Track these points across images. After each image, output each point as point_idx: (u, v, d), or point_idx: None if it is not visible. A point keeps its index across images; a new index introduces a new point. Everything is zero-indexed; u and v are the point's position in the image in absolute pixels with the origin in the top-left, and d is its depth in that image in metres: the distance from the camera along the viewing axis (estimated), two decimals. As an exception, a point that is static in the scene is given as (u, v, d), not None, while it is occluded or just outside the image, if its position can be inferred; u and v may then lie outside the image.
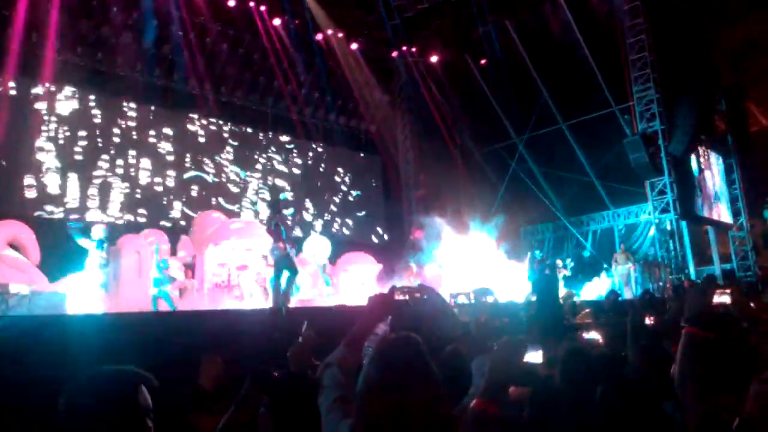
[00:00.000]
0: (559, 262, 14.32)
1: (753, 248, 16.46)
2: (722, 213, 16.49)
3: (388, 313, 1.91)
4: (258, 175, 16.16)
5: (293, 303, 9.38)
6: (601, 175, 16.77)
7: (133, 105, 13.92)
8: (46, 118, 12.50)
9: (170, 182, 14.27)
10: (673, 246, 14.09)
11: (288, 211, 16.01)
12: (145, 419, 1.50)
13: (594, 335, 3.69)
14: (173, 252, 11.91)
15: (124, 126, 13.72)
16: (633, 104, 14.75)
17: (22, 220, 10.82)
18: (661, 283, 13.50)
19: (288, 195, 16.40)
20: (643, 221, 16.13)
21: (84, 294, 9.24)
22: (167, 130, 14.48)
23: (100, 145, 13.22)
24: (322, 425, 1.64)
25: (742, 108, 17.23)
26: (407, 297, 1.89)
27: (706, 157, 16.21)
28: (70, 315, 8.15)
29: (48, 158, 12.37)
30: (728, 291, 2.15)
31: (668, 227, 14.31)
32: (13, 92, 12.08)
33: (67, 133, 12.75)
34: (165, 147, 14.35)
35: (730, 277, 15.14)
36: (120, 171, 13.43)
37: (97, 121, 13.29)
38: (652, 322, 3.48)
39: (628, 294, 12.78)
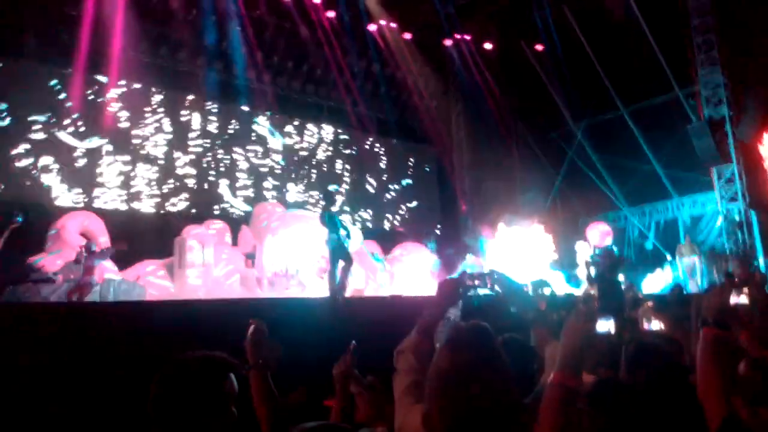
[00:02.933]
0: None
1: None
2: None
3: (458, 299, 1.93)
4: (315, 167, 16.40)
5: (348, 292, 9.50)
6: (665, 162, 16.11)
7: (194, 99, 14.34)
8: (111, 113, 13.03)
9: (229, 172, 14.65)
10: (742, 237, 13.47)
11: (336, 203, 16.26)
12: (230, 406, 1.55)
13: (656, 324, 3.59)
14: (234, 242, 12.28)
15: (184, 118, 14.16)
16: (698, 88, 14.12)
17: (91, 211, 11.39)
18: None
19: (339, 186, 16.59)
20: (710, 211, 15.43)
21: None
22: (227, 124, 14.88)
23: (162, 138, 13.70)
24: (396, 409, 1.68)
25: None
26: (477, 283, 1.90)
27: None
28: (152, 302, 8.55)
29: (112, 151, 12.91)
30: (746, 291, 2.07)
31: (736, 217, 13.67)
32: (82, 89, 12.66)
33: (132, 127, 13.27)
34: (224, 140, 14.74)
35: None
36: (182, 163, 13.89)
37: (160, 115, 13.77)
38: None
39: (693, 287, 12.33)
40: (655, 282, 13.98)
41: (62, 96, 12.34)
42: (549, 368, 1.76)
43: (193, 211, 13.67)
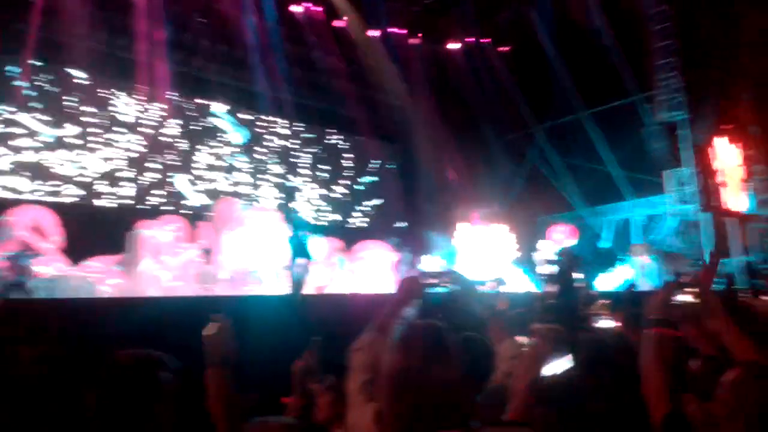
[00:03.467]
0: None
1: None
2: (745, 204, 16.20)
3: (415, 298, 1.92)
4: (276, 162, 16.23)
5: (309, 289, 9.43)
6: (622, 165, 16.54)
7: (152, 91, 13.98)
8: (68, 103, 12.60)
9: (188, 166, 14.36)
10: (694, 238, 13.91)
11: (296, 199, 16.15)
12: (167, 400, 1.56)
13: (609, 323, 3.66)
14: (191, 238, 12.04)
15: (141, 111, 13.81)
16: (655, 93, 14.50)
17: (45, 204, 11.01)
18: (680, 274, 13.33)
19: (302, 182, 16.46)
20: (664, 212, 15.91)
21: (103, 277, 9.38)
22: (185, 117, 14.57)
23: (116, 129, 13.32)
24: (349, 407, 1.67)
25: (768, 97, 16.86)
26: (435, 282, 1.89)
27: (729, 146, 15.90)
28: (104, 298, 8.31)
29: (68, 143, 12.50)
30: (692, 290, 2.14)
31: (689, 218, 14.11)
32: (38, 78, 12.22)
33: (84, 118, 12.86)
34: (183, 134, 14.44)
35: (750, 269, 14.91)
36: (137, 158, 13.54)
37: (114, 106, 13.39)
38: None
39: (646, 286, 12.67)
40: (610, 281, 14.33)
41: (16, 84, 11.87)
42: (502, 364, 1.77)
43: (150, 205, 13.35)
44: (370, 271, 13.10)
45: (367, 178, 18.25)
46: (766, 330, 3.20)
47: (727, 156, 15.66)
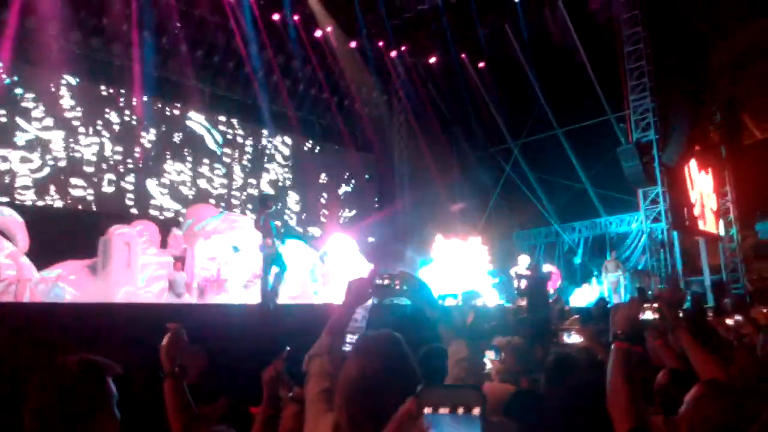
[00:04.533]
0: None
1: (743, 260, 16.53)
2: (714, 224, 16.56)
3: (367, 298, 1.90)
4: (253, 171, 16.12)
5: (283, 299, 9.34)
6: (595, 182, 16.81)
7: (127, 94, 13.83)
8: (38, 103, 12.38)
9: (161, 174, 14.19)
10: (664, 255, 14.14)
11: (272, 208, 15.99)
12: (110, 407, 1.53)
13: (575, 338, 3.70)
14: (163, 244, 11.86)
15: (116, 115, 13.63)
16: (629, 113, 14.78)
17: (12, 206, 10.75)
18: (650, 292, 13.54)
19: (276, 191, 16.36)
20: (635, 230, 16.17)
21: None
22: (161, 122, 14.41)
23: (90, 134, 13.12)
24: (306, 415, 1.64)
25: (738, 120, 17.29)
26: (387, 282, 1.87)
27: (699, 167, 16.26)
28: (71, 304, 8.12)
29: (38, 145, 12.27)
30: (655, 307, 2.18)
31: (659, 237, 14.36)
32: (6, 78, 11.98)
33: (56, 121, 12.64)
34: (157, 139, 14.28)
35: (719, 288, 15.21)
36: (110, 161, 13.35)
37: (90, 108, 13.19)
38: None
39: (616, 302, 12.81)
40: (582, 296, 14.48)
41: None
42: (452, 366, 1.77)
43: (123, 210, 13.15)
44: (345, 281, 13.01)
45: (344, 188, 18.24)
46: (729, 350, 3.26)
47: (696, 177, 16.01)
